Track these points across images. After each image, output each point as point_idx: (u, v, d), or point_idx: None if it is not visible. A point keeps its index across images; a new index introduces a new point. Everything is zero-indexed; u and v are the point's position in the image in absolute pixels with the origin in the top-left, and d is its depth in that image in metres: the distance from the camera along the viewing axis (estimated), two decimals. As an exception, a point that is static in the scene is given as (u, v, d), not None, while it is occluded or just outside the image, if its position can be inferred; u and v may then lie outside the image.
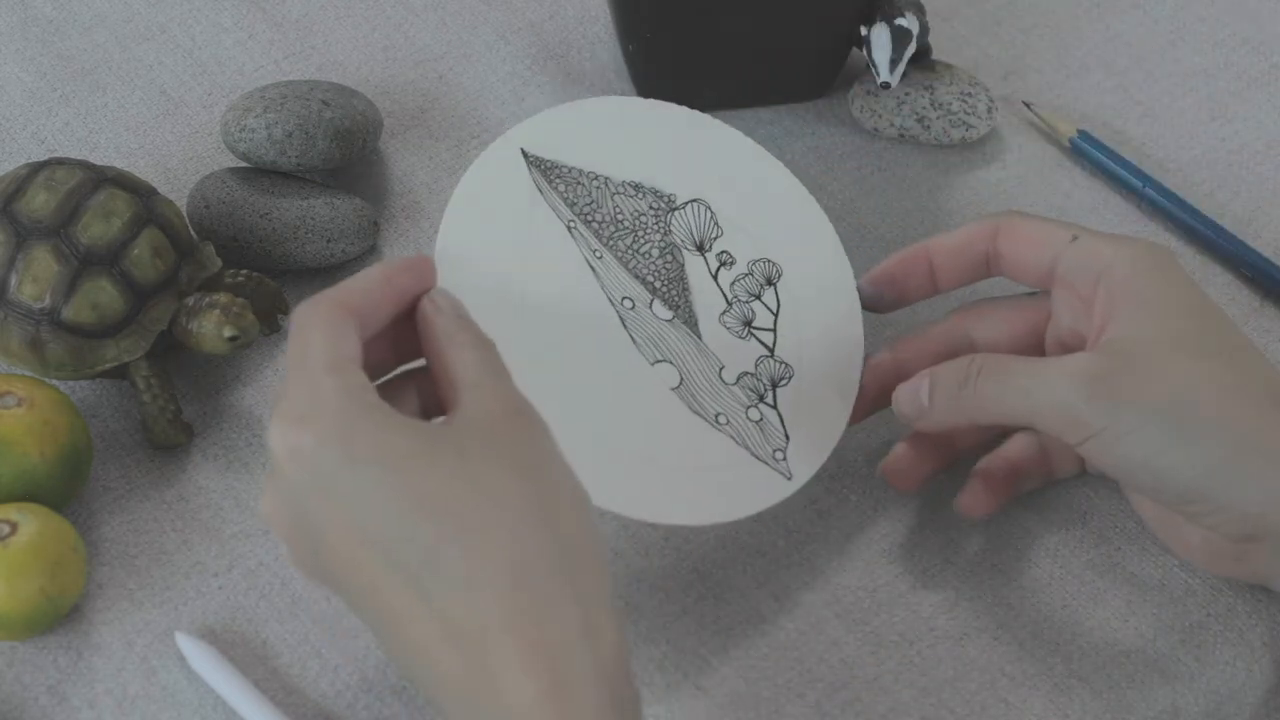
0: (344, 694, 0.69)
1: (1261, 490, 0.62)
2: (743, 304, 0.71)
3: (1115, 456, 0.64)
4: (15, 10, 0.91)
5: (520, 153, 0.69)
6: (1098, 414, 0.63)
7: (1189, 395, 0.63)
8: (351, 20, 0.91)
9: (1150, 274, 0.66)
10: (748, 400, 0.70)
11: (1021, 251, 0.70)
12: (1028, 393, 0.65)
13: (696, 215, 0.71)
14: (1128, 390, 0.63)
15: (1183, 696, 0.69)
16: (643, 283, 0.70)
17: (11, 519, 0.68)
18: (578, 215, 0.69)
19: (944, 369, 0.68)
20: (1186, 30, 0.92)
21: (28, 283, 0.72)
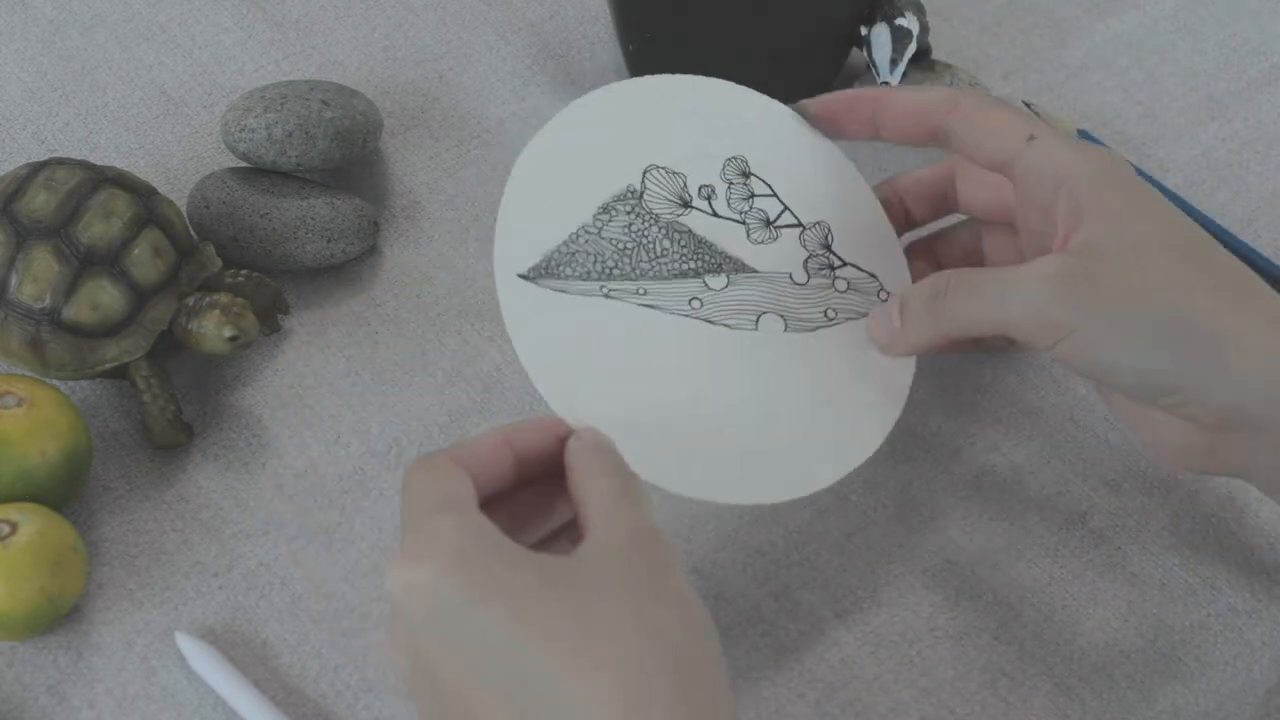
0: (344, 694, 0.69)
1: (1237, 383, 0.62)
2: (750, 212, 0.71)
3: (1091, 357, 0.64)
4: (15, 10, 0.91)
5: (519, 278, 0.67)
6: (1071, 315, 0.63)
7: (1163, 291, 0.63)
8: (351, 20, 0.91)
9: (1113, 182, 0.66)
10: (828, 280, 0.70)
11: (977, 137, 0.69)
12: (999, 301, 0.65)
13: (656, 183, 0.70)
14: (1101, 289, 0.63)
15: (1183, 696, 0.69)
16: (685, 276, 0.69)
17: (11, 519, 0.68)
18: (601, 278, 0.68)
19: (912, 291, 0.68)
20: (1186, 30, 0.92)
21: (28, 283, 0.72)
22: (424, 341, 0.79)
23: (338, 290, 0.81)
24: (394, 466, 0.75)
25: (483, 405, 0.77)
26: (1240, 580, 0.72)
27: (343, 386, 0.77)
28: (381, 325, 0.79)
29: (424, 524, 0.58)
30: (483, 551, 0.57)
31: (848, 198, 0.72)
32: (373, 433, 0.76)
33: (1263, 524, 0.74)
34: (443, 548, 0.57)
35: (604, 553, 0.58)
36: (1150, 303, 0.63)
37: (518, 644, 0.55)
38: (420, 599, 0.57)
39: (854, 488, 0.75)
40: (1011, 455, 0.76)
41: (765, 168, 0.71)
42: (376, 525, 0.73)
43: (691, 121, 0.71)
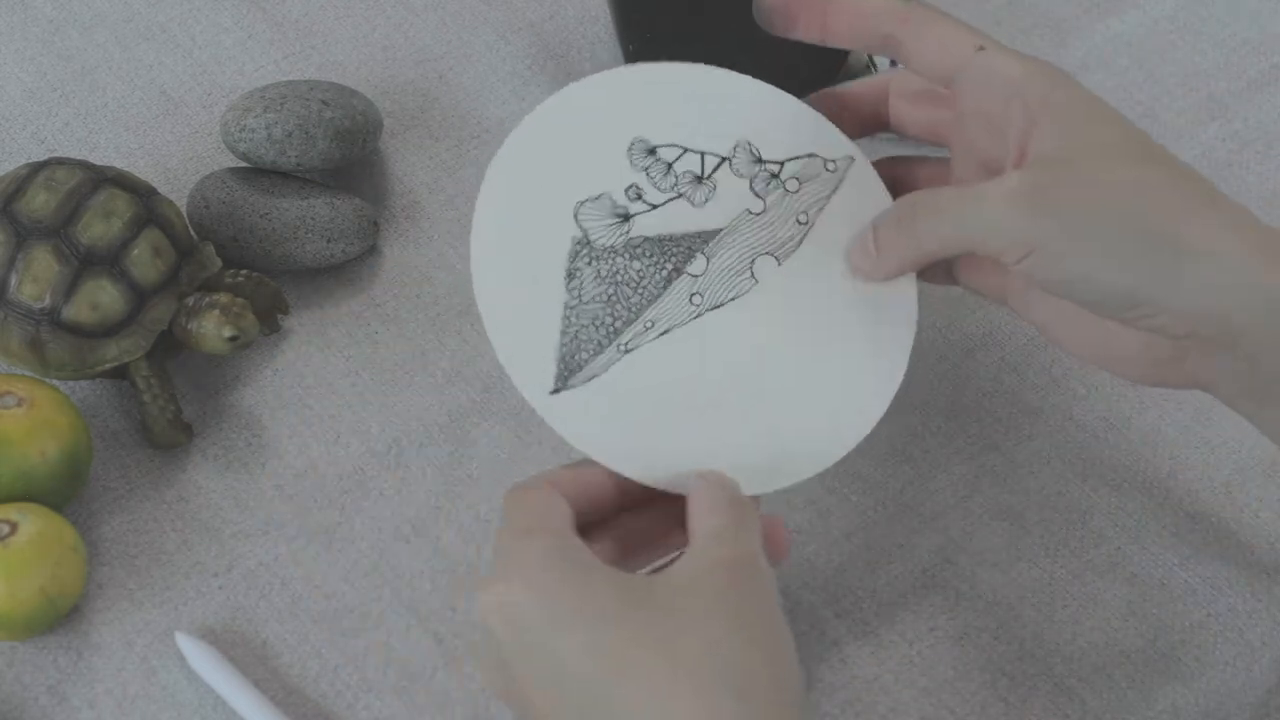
0: (344, 694, 0.69)
1: (1205, 286, 0.62)
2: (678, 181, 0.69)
3: (1059, 270, 0.63)
4: (15, 10, 0.91)
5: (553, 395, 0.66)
6: (1037, 227, 0.62)
7: (1129, 198, 0.62)
8: (351, 20, 0.91)
9: (1064, 92, 0.65)
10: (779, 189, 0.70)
11: (924, 47, 0.68)
12: (965, 220, 0.64)
13: (590, 217, 0.69)
14: (1065, 200, 0.63)
15: (1183, 696, 0.69)
16: (670, 281, 0.68)
17: (11, 519, 0.68)
18: (613, 338, 0.67)
19: (884, 215, 0.67)
20: (1186, 30, 0.92)
21: (28, 283, 0.72)
22: (424, 341, 0.79)
23: (338, 290, 0.81)
24: (394, 466, 0.75)
25: (483, 405, 0.77)
26: (1240, 580, 0.72)
27: (343, 386, 0.77)
28: (381, 325, 0.79)
29: (513, 546, 0.59)
30: (567, 574, 0.58)
31: (750, 104, 0.71)
32: (373, 433, 0.76)
33: (1263, 524, 0.74)
34: (528, 570, 0.58)
35: (692, 576, 0.58)
36: (1117, 210, 0.62)
37: (594, 670, 0.56)
38: (505, 620, 0.58)
39: (854, 487, 0.75)
40: (1011, 455, 0.76)
41: (664, 133, 0.70)
42: (376, 525, 0.73)
43: (590, 135, 0.69)
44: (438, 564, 0.72)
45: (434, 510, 0.74)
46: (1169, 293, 0.62)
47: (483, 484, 0.75)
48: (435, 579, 0.72)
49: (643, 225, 0.68)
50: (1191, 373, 0.65)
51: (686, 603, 0.57)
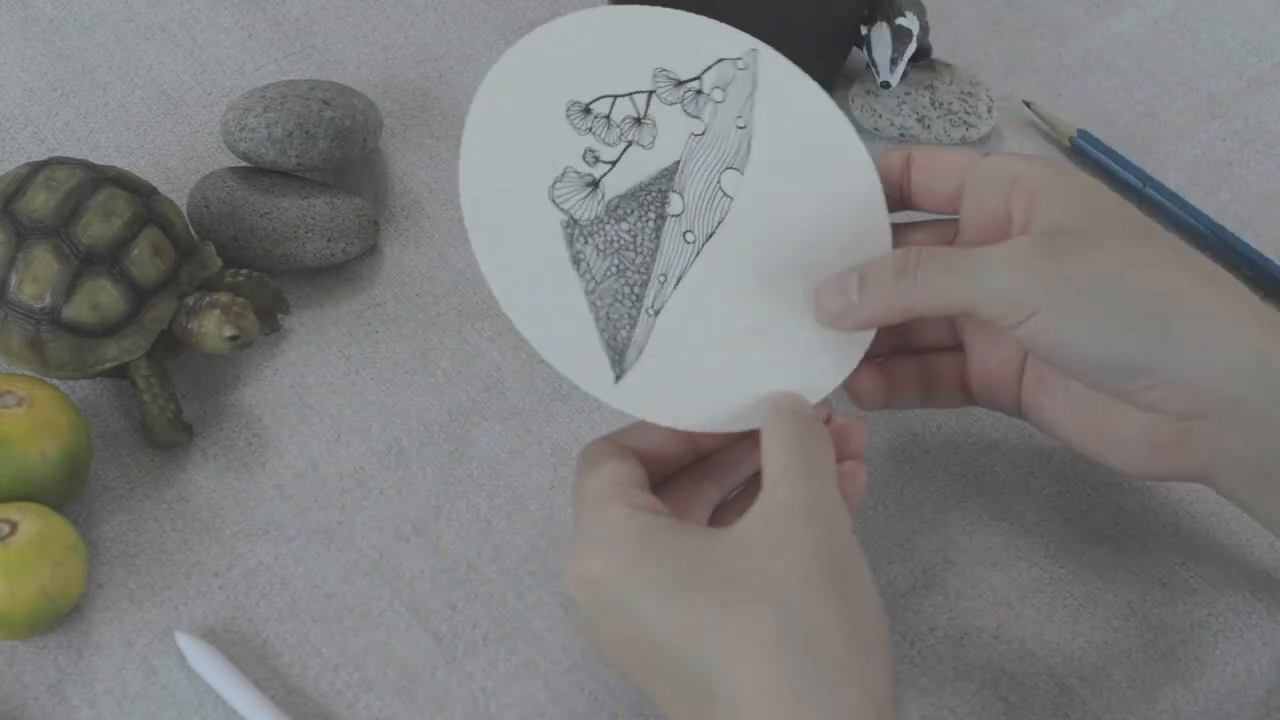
0: (344, 694, 0.69)
1: (1206, 359, 0.62)
2: (622, 130, 0.69)
3: (1057, 333, 0.63)
4: (15, 9, 0.91)
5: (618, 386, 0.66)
6: (1040, 289, 0.63)
7: (1129, 266, 0.63)
8: (352, 20, 0.91)
9: (1068, 177, 0.66)
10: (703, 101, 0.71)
11: (934, 176, 0.70)
12: (971, 277, 0.65)
13: (566, 194, 0.68)
14: (1068, 264, 0.63)
15: (1183, 696, 0.69)
16: (660, 231, 0.68)
17: (11, 519, 0.68)
18: (641, 309, 0.67)
19: (876, 263, 0.67)
20: (1186, 30, 0.92)
21: (28, 282, 0.72)
22: (424, 341, 0.79)
23: (338, 290, 0.81)
24: (393, 466, 0.75)
25: (483, 405, 0.77)
26: (1240, 580, 0.72)
27: (343, 386, 0.77)
28: (381, 325, 0.79)
29: (592, 516, 0.61)
30: (643, 541, 0.60)
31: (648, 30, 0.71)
32: (373, 432, 0.76)
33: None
34: (606, 534, 0.60)
35: (765, 526, 0.59)
36: (1119, 276, 0.63)
37: (670, 635, 0.58)
38: (590, 591, 0.60)
39: (854, 487, 0.75)
40: (1011, 455, 0.76)
41: (589, 88, 0.70)
42: (376, 525, 0.73)
43: (527, 116, 0.68)
44: (438, 564, 0.72)
45: (434, 510, 0.74)
46: (1169, 362, 0.62)
47: (483, 484, 0.75)
48: (435, 579, 0.72)
49: (612, 185, 0.68)
50: (1192, 460, 0.65)
51: (755, 558, 0.58)
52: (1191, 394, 0.63)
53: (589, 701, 0.68)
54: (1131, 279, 0.63)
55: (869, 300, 0.66)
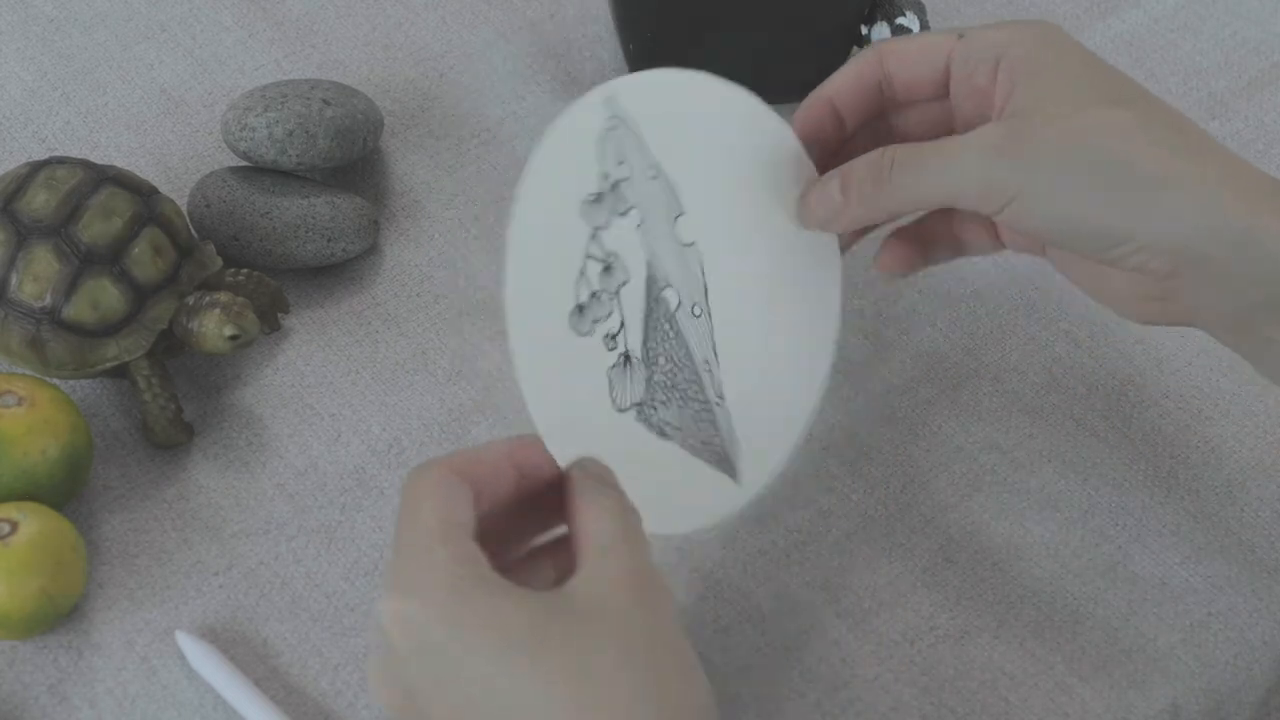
0: (344, 693, 0.69)
1: (1181, 222, 0.62)
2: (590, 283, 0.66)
3: (1036, 215, 0.64)
4: (16, 9, 0.91)
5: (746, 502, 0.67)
6: (1013, 174, 0.63)
7: (1099, 138, 0.63)
8: (352, 19, 0.91)
9: (1047, 46, 0.66)
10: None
11: (911, 67, 0.69)
12: (943, 172, 0.65)
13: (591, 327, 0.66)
14: (1039, 144, 0.64)
15: (1183, 696, 0.69)
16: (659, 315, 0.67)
17: (12, 518, 0.68)
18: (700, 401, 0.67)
19: (855, 166, 0.67)
20: (1187, 29, 0.92)
21: (28, 282, 0.72)
22: (424, 341, 0.79)
23: (338, 289, 0.81)
24: (394, 466, 0.75)
25: (483, 404, 0.77)
26: (1240, 580, 0.72)
27: (343, 386, 0.77)
28: (381, 325, 0.79)
29: (418, 554, 0.57)
30: (474, 589, 0.56)
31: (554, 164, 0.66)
32: (373, 432, 0.76)
33: (1263, 524, 0.74)
34: (435, 583, 0.56)
35: (597, 593, 0.57)
36: (1088, 151, 0.63)
37: (505, 687, 0.55)
38: (410, 633, 0.56)
39: (854, 487, 0.75)
40: (1012, 455, 0.76)
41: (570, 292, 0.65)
42: (377, 524, 0.73)
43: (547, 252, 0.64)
44: (438, 563, 0.72)
45: (434, 510, 0.74)
46: (1143, 228, 0.63)
47: (483, 483, 0.75)
48: (435, 578, 0.72)
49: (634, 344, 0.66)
50: (1179, 312, 0.65)
51: (588, 621, 0.56)
52: (1168, 256, 0.63)
53: (589, 701, 0.68)
54: (1103, 150, 0.63)
55: (851, 203, 0.67)
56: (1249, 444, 0.76)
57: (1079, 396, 0.78)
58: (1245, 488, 0.75)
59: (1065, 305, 0.81)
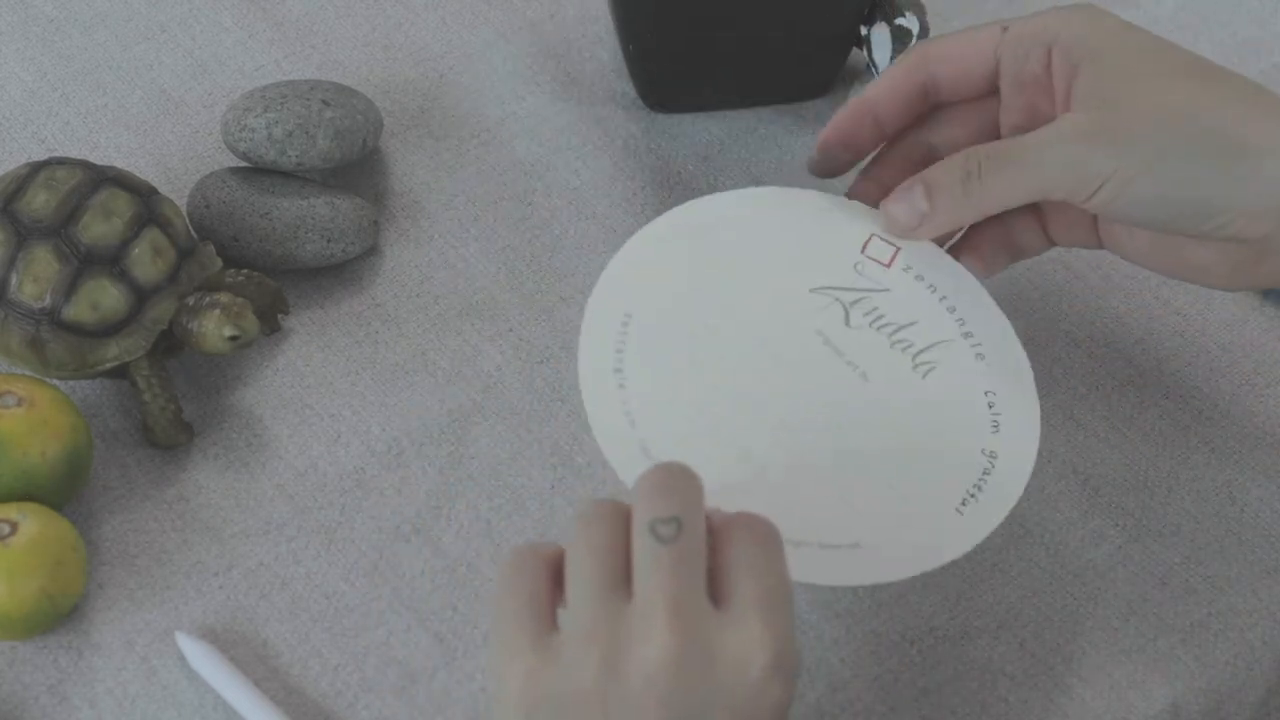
0: (344, 694, 0.69)
1: (1273, 181, 0.63)
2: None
3: (1131, 197, 0.64)
4: (16, 9, 0.91)
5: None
6: (1108, 160, 0.64)
7: (1185, 111, 0.64)
8: (352, 20, 0.91)
9: (1098, 27, 0.66)
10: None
11: (957, 65, 0.69)
12: (1035, 166, 0.65)
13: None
14: (1126, 125, 0.64)
15: (1183, 696, 0.69)
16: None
17: (11, 519, 0.68)
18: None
19: (937, 171, 0.67)
20: (1187, 29, 0.92)
21: (28, 282, 0.72)
22: (424, 341, 0.79)
23: (338, 290, 0.81)
24: (394, 466, 0.75)
25: (483, 405, 0.77)
26: (1240, 580, 0.72)
27: (343, 386, 0.77)
28: (381, 325, 0.79)
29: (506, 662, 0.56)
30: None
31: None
32: (373, 433, 0.76)
33: (1263, 524, 0.74)
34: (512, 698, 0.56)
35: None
36: (1183, 127, 0.64)
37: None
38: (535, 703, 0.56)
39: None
40: (1011, 455, 0.76)
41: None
42: (376, 525, 0.73)
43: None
44: (438, 564, 0.72)
45: (434, 510, 0.74)
46: (1240, 196, 0.63)
47: (483, 484, 0.75)
48: (435, 579, 0.72)
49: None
50: (1273, 270, 0.66)
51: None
52: (1263, 219, 0.64)
53: (589, 701, 0.68)
54: (1190, 126, 0.63)
55: (939, 210, 0.67)
56: (1249, 444, 0.76)
57: (1079, 396, 0.78)
58: (1245, 488, 0.75)
59: (1065, 305, 0.81)
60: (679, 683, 0.54)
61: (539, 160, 0.85)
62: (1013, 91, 0.69)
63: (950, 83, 0.70)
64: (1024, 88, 0.68)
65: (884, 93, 0.70)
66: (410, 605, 0.71)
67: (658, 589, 0.55)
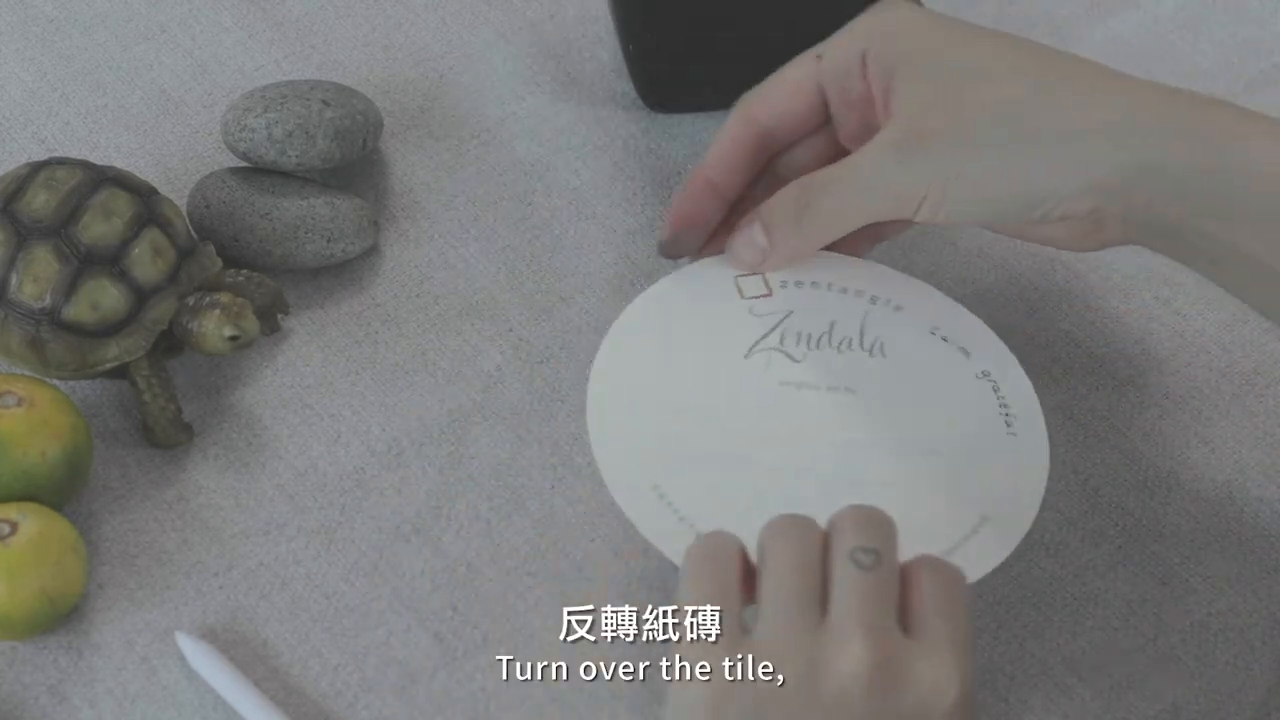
0: (344, 694, 0.69)
1: (1094, 166, 0.64)
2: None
3: (951, 206, 0.65)
4: (15, 9, 0.91)
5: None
6: (920, 174, 0.65)
7: (993, 112, 0.64)
8: (352, 20, 0.91)
9: (905, 30, 0.67)
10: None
11: (784, 112, 0.70)
12: (857, 191, 0.66)
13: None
14: (935, 134, 0.64)
15: (1183, 696, 0.69)
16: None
17: (11, 519, 0.68)
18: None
19: (774, 206, 0.68)
20: (1186, 30, 0.92)
21: (28, 282, 0.72)
22: (424, 341, 0.79)
23: (338, 290, 0.81)
24: (394, 466, 0.75)
25: (483, 405, 0.77)
26: (1240, 580, 0.72)
27: (343, 386, 0.77)
28: (381, 325, 0.79)
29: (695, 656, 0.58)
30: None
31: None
32: (373, 433, 0.76)
33: (1263, 523, 0.74)
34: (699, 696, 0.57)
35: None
36: (985, 128, 0.64)
37: None
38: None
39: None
40: (1011, 455, 0.76)
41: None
42: (376, 525, 0.73)
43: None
44: (438, 564, 0.72)
45: (434, 510, 0.74)
46: (1057, 183, 0.64)
47: (483, 484, 0.75)
48: (435, 579, 0.72)
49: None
50: (1115, 234, 0.67)
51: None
52: (1089, 198, 0.64)
53: (589, 702, 0.68)
54: (995, 124, 0.64)
55: (778, 246, 0.68)
56: (1249, 444, 0.76)
57: (1079, 396, 0.78)
58: (1245, 488, 0.75)
59: (1065, 305, 0.81)
60: (873, 701, 0.55)
61: (539, 160, 0.85)
62: (844, 113, 0.69)
63: (784, 130, 0.70)
64: (853, 106, 0.68)
65: (719, 164, 0.70)
66: (410, 605, 0.71)
67: (856, 611, 0.57)
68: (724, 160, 0.70)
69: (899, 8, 0.68)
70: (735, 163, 0.70)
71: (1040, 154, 0.64)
